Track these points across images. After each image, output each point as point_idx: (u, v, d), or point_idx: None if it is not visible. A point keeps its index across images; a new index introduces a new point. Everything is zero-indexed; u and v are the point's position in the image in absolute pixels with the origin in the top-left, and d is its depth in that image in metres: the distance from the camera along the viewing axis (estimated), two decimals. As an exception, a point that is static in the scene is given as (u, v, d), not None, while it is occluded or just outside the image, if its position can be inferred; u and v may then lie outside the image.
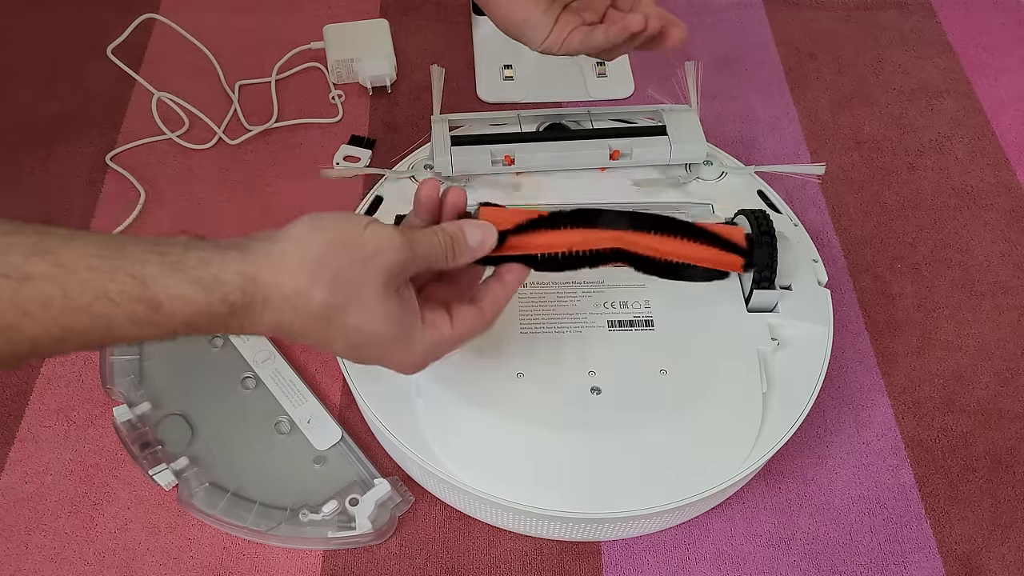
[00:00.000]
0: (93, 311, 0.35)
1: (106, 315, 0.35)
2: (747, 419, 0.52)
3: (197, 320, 0.37)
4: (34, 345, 0.35)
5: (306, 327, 0.39)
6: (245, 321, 0.38)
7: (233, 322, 0.38)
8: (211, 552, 0.53)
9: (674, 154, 0.61)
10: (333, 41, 0.78)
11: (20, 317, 0.34)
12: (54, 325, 0.35)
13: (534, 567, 0.54)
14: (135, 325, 0.36)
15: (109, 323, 0.36)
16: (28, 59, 0.80)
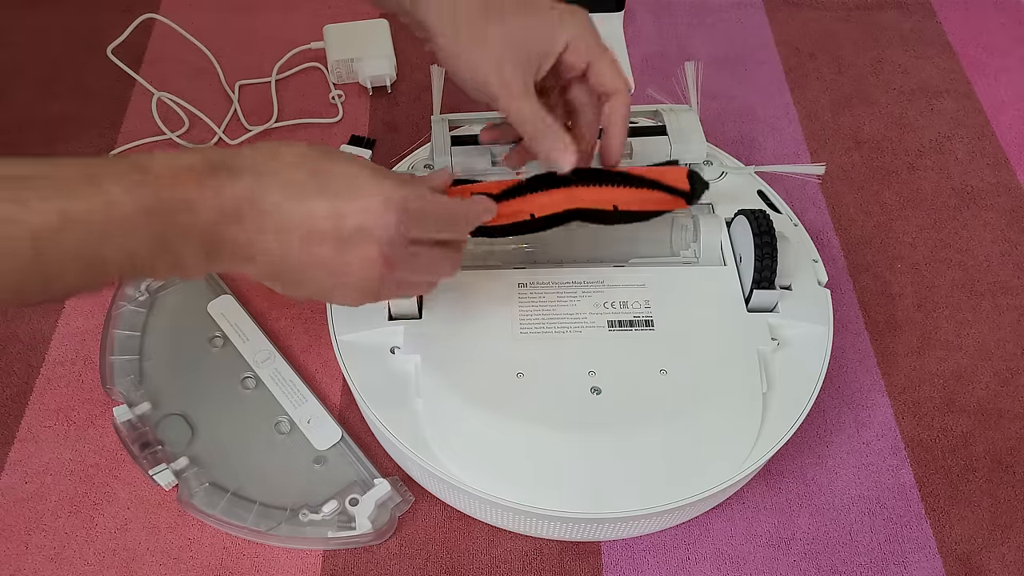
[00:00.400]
0: (87, 190, 0.37)
1: (100, 189, 0.37)
2: (747, 419, 0.52)
3: (183, 178, 0.39)
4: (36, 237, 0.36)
5: (281, 168, 0.41)
6: (224, 175, 0.40)
7: (213, 179, 0.39)
8: (211, 552, 0.53)
9: (674, 153, 0.61)
10: (333, 41, 0.78)
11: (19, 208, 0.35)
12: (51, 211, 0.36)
13: (534, 567, 0.54)
14: (128, 193, 0.37)
15: (104, 197, 0.37)
16: (28, 59, 0.80)
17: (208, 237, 0.40)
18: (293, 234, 0.41)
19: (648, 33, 0.85)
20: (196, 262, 0.41)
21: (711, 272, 0.57)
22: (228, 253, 0.41)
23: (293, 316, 0.64)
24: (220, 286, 0.63)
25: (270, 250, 0.41)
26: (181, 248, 0.40)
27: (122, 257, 0.38)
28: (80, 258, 0.37)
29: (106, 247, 0.37)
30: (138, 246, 0.38)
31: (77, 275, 0.38)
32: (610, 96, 0.52)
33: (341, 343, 0.54)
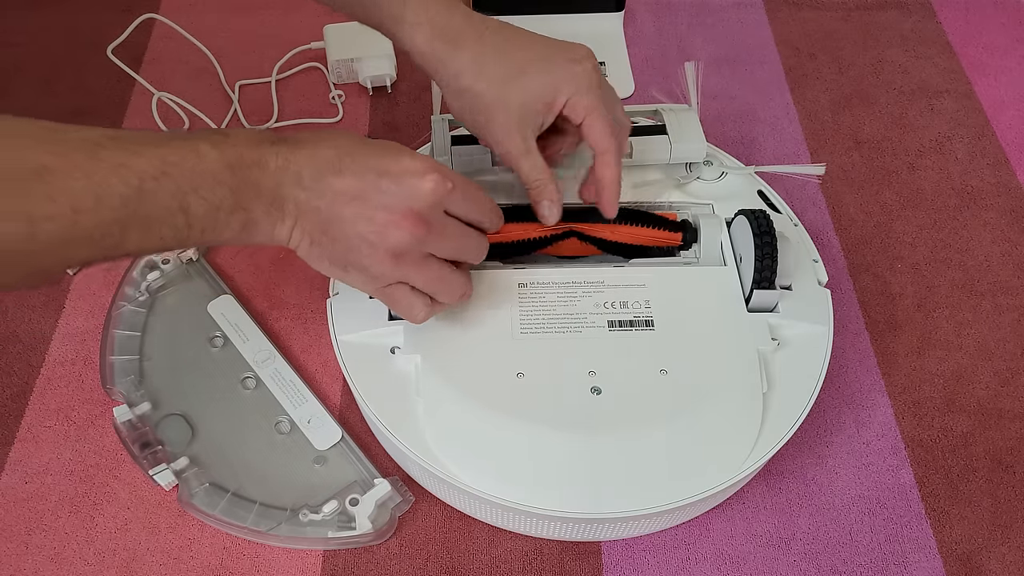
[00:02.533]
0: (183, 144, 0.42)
1: (193, 144, 0.42)
2: (747, 419, 0.52)
3: (257, 141, 0.44)
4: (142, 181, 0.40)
5: (338, 140, 0.46)
6: (290, 145, 0.45)
7: (282, 146, 0.44)
8: (211, 552, 0.53)
9: (674, 153, 0.61)
10: (333, 41, 0.78)
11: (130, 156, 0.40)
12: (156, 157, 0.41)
13: (534, 567, 0.54)
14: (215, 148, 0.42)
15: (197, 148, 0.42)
16: (29, 59, 0.80)
17: (274, 194, 0.44)
18: (342, 188, 0.45)
19: (648, 33, 0.85)
20: (263, 220, 0.45)
21: (711, 272, 0.57)
22: (288, 212, 0.45)
23: (293, 316, 0.64)
24: (220, 286, 0.63)
25: (320, 207, 0.45)
26: (253, 205, 0.44)
27: (207, 209, 0.42)
28: (172, 205, 0.41)
29: (193, 197, 0.41)
30: (220, 199, 0.42)
31: (169, 225, 0.41)
32: (598, 155, 0.54)
33: (341, 343, 0.54)
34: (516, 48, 0.53)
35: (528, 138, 0.53)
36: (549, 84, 0.52)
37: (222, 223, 0.43)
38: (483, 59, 0.52)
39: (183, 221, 0.42)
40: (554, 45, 0.54)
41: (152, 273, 0.63)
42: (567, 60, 0.53)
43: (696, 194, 0.62)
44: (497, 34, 0.53)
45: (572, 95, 0.52)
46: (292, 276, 0.66)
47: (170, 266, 0.64)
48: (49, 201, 0.38)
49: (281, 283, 0.65)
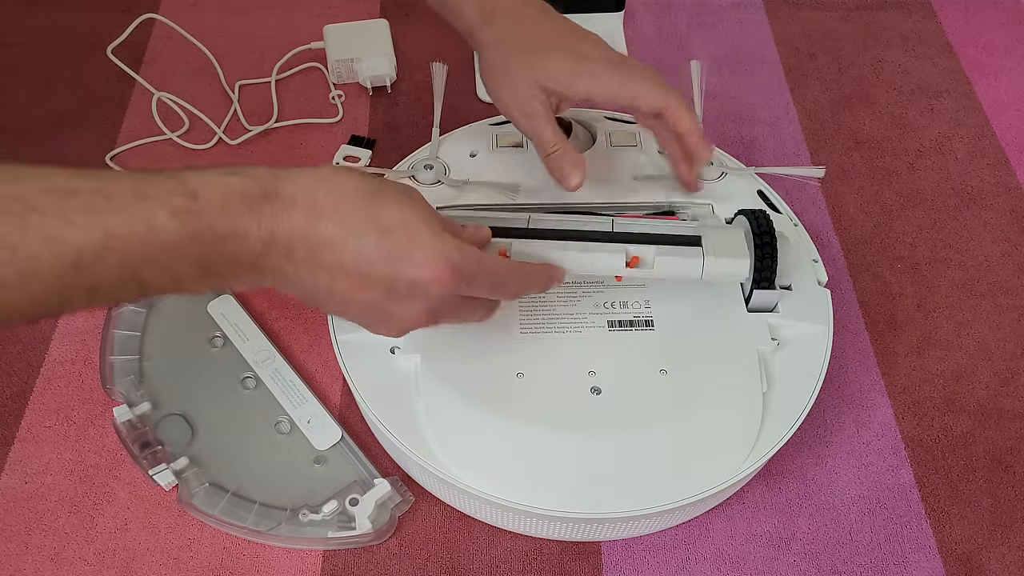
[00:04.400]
0: (134, 211, 0.36)
1: (147, 212, 0.36)
2: (747, 419, 0.52)
3: (233, 206, 0.38)
4: (79, 256, 0.35)
5: (339, 204, 0.40)
6: (278, 205, 0.39)
7: (267, 208, 0.39)
8: (211, 552, 0.53)
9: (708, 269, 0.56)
10: (333, 41, 0.78)
11: (65, 226, 0.35)
12: (96, 229, 0.35)
13: (534, 567, 0.54)
14: (175, 218, 0.37)
15: (150, 221, 0.36)
16: (28, 59, 0.80)
17: (255, 265, 0.40)
18: (345, 276, 0.41)
19: (648, 33, 0.85)
20: (240, 284, 0.41)
21: (711, 272, 0.57)
22: (271, 279, 0.42)
23: (293, 316, 0.64)
24: (220, 286, 0.64)
25: (318, 287, 0.42)
26: (226, 273, 0.40)
27: (164, 279, 0.38)
28: (121, 277, 0.37)
29: (147, 269, 0.37)
30: (182, 270, 0.38)
31: (119, 291, 0.38)
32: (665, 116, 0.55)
33: (341, 343, 0.54)
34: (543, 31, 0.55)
35: (546, 107, 0.54)
36: (568, 69, 0.54)
37: (188, 287, 0.39)
38: (513, 34, 0.54)
39: (136, 287, 0.38)
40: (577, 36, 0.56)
41: (152, 273, 0.63)
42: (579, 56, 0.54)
43: (696, 194, 0.62)
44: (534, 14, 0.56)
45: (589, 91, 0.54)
46: (292, 276, 0.66)
47: (170, 266, 0.64)
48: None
49: (281, 283, 0.65)
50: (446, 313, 0.45)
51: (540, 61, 0.54)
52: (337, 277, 0.41)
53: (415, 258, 0.41)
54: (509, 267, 0.48)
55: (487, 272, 0.45)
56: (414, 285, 0.42)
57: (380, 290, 0.42)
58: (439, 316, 0.45)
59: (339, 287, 0.42)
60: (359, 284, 0.42)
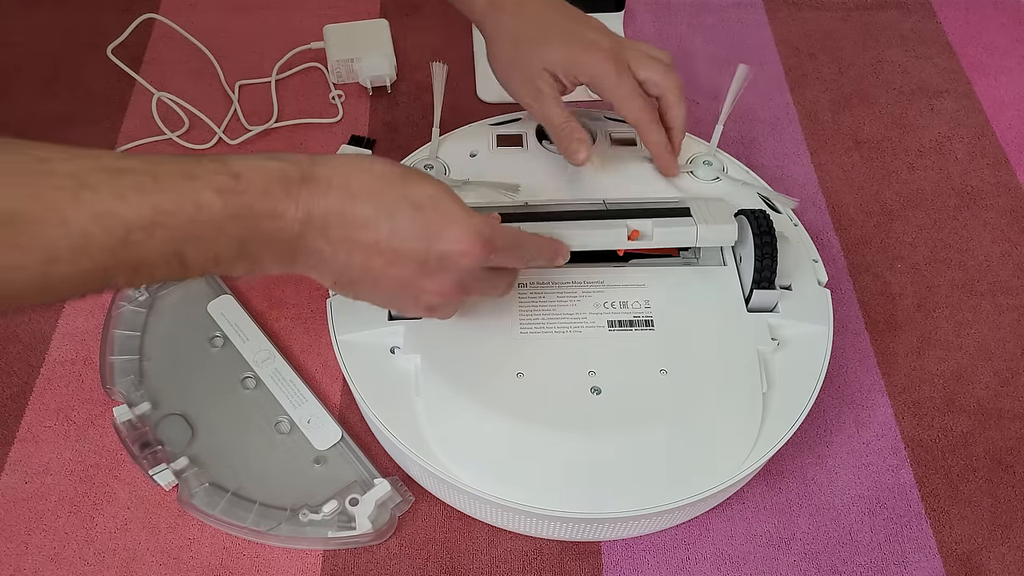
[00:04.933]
0: (182, 189, 0.38)
1: (194, 190, 0.38)
2: (747, 419, 0.52)
3: (272, 188, 0.40)
4: (128, 232, 0.36)
5: (373, 186, 0.42)
6: (315, 187, 0.41)
7: (304, 190, 0.41)
8: (211, 552, 0.53)
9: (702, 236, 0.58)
10: (333, 41, 0.78)
11: (117, 202, 0.36)
12: (146, 205, 0.37)
13: (534, 567, 0.54)
14: (220, 196, 0.38)
15: (197, 198, 0.38)
16: (28, 59, 0.80)
17: (290, 245, 0.41)
18: (380, 254, 0.43)
19: (648, 33, 0.85)
20: (273, 266, 0.42)
21: (711, 272, 0.57)
22: (305, 261, 0.43)
23: (293, 316, 0.64)
24: (220, 286, 0.63)
25: (352, 265, 0.43)
26: (262, 253, 0.41)
27: (205, 257, 0.39)
28: (165, 254, 0.38)
29: (190, 246, 0.38)
30: (222, 248, 0.39)
31: (161, 269, 0.39)
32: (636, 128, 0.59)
33: (341, 343, 0.54)
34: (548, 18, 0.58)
35: (553, 89, 0.58)
36: (568, 59, 0.57)
37: (224, 267, 0.41)
38: (518, 24, 0.58)
39: (178, 265, 0.39)
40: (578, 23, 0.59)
41: (152, 273, 0.63)
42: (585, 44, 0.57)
43: (696, 194, 0.62)
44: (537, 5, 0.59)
45: (591, 81, 0.57)
46: (292, 276, 0.65)
47: (170, 266, 0.63)
48: (17, 250, 0.35)
49: (281, 283, 0.65)
50: (473, 286, 0.47)
51: (545, 50, 0.57)
52: (372, 255, 0.43)
53: (448, 233, 0.43)
54: (528, 237, 0.51)
55: (511, 243, 0.47)
56: (445, 259, 0.44)
57: (413, 265, 0.43)
58: (467, 289, 0.46)
59: (373, 264, 0.43)
60: (393, 260, 0.43)
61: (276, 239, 0.41)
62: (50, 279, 0.36)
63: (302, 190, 0.41)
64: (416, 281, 0.44)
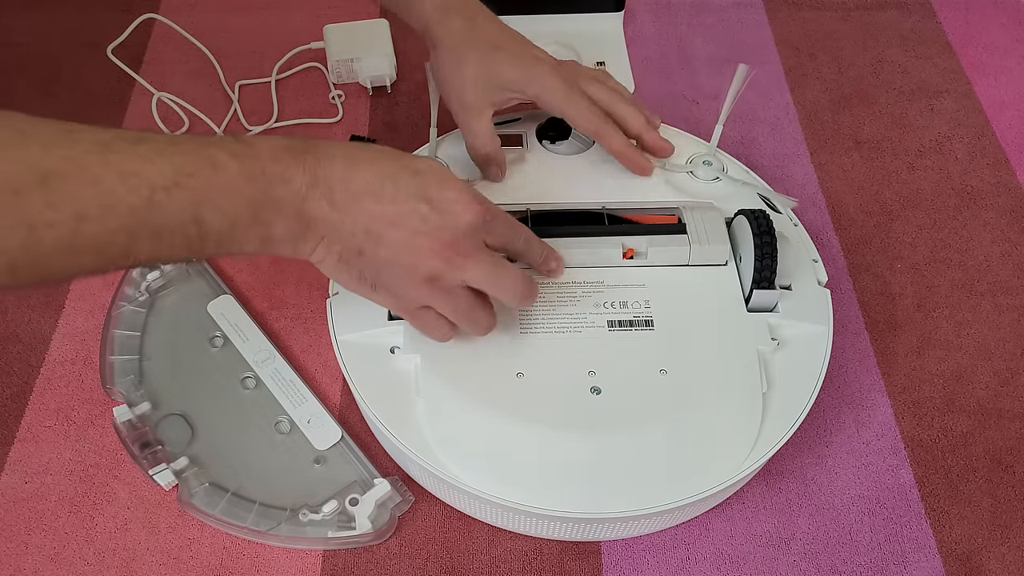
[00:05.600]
0: (200, 153, 0.40)
1: (211, 154, 0.41)
2: (747, 419, 0.52)
3: (281, 155, 0.42)
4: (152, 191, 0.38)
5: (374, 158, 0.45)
6: (320, 156, 0.43)
7: (309, 158, 0.43)
8: (211, 552, 0.53)
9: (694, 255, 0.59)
10: (333, 41, 0.78)
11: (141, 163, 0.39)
12: (168, 166, 0.39)
13: (534, 567, 0.54)
14: (235, 159, 0.41)
15: (214, 160, 0.40)
16: (28, 59, 0.80)
17: (299, 212, 0.43)
18: (382, 214, 0.44)
19: (648, 33, 0.85)
20: (285, 237, 0.43)
21: (711, 272, 0.57)
22: (314, 229, 0.44)
23: (293, 316, 0.64)
24: (220, 286, 0.63)
25: (356, 230, 0.44)
26: (274, 220, 0.42)
27: (221, 222, 0.41)
28: (185, 217, 0.40)
29: (208, 209, 0.40)
30: (237, 212, 0.41)
31: (180, 236, 0.40)
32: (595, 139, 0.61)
33: (341, 343, 0.54)
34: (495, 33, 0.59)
35: (488, 105, 0.59)
36: (516, 73, 0.58)
37: (240, 237, 0.42)
38: (468, 32, 0.58)
39: (196, 232, 0.40)
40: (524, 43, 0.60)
41: (152, 273, 0.63)
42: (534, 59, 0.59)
43: (695, 194, 0.62)
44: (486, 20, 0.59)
45: (540, 95, 0.58)
46: (292, 276, 0.66)
47: (170, 266, 0.63)
48: (50, 208, 0.36)
49: (281, 283, 0.65)
50: (474, 257, 0.47)
51: (494, 59, 0.58)
52: (375, 216, 0.44)
53: (447, 193, 0.45)
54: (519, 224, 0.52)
55: (506, 219, 0.49)
56: (446, 214, 0.45)
57: (415, 221, 0.45)
58: (467, 255, 0.46)
59: (376, 227, 0.44)
60: (395, 220, 0.44)
61: (286, 204, 0.42)
62: (79, 238, 0.37)
63: (307, 157, 0.43)
64: (417, 240, 0.45)
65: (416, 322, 0.50)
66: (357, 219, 0.44)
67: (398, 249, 0.45)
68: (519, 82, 0.58)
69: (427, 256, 0.45)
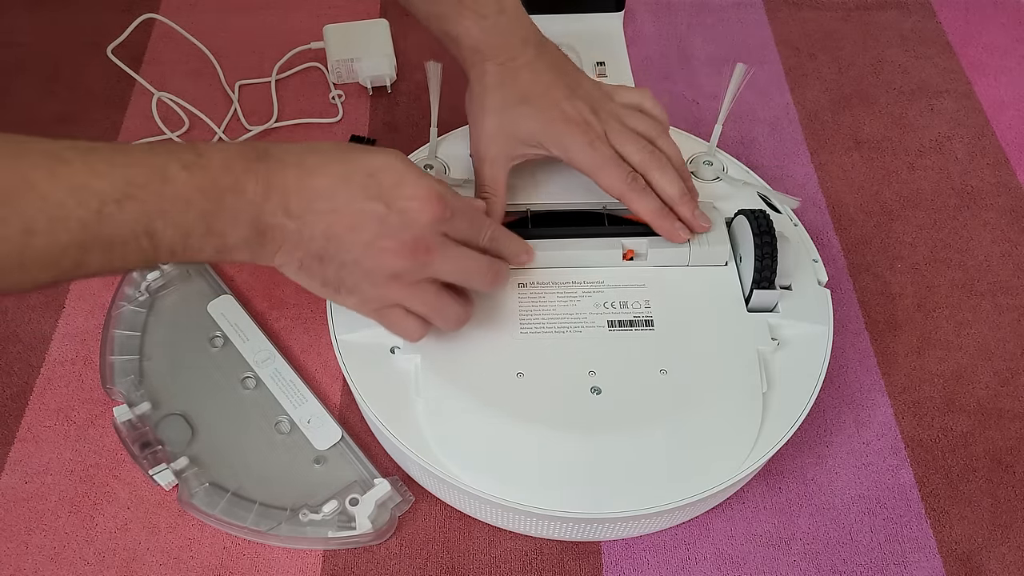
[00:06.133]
0: (151, 163, 0.40)
1: (161, 165, 0.40)
2: (747, 419, 0.52)
3: (233, 164, 0.42)
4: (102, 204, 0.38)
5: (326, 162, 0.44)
6: (272, 164, 0.43)
7: (262, 166, 0.43)
8: (211, 552, 0.53)
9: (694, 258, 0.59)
10: (333, 41, 0.78)
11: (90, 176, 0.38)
12: (119, 178, 0.39)
13: (534, 567, 0.54)
14: (185, 170, 0.41)
15: (164, 171, 0.40)
16: (28, 59, 0.80)
17: (254, 222, 0.43)
18: (339, 218, 0.44)
19: (648, 33, 0.85)
20: (242, 247, 0.43)
21: (711, 272, 0.57)
22: (272, 239, 0.44)
23: (293, 316, 0.64)
24: (220, 286, 0.63)
25: (315, 235, 0.44)
26: (228, 231, 0.42)
27: (174, 234, 0.41)
28: (137, 229, 0.39)
29: (160, 221, 0.40)
30: (189, 224, 0.41)
31: (133, 248, 0.40)
32: (624, 203, 0.56)
33: (341, 343, 0.54)
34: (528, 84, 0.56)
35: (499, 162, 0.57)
36: (539, 130, 0.55)
37: (194, 247, 0.42)
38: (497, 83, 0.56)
39: (149, 244, 0.40)
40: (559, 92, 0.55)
41: (152, 273, 0.63)
42: (560, 116, 0.55)
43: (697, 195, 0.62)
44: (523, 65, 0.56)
45: (563, 154, 0.55)
46: (292, 276, 0.66)
47: (170, 266, 0.64)
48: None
49: (281, 283, 0.65)
50: (436, 252, 0.46)
51: (518, 113, 0.56)
52: (333, 221, 0.44)
53: (403, 190, 0.45)
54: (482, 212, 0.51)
55: (467, 207, 0.48)
56: (404, 213, 0.45)
57: (373, 224, 0.44)
58: (431, 249, 0.46)
59: (335, 231, 0.44)
60: (353, 224, 0.44)
61: (240, 214, 0.42)
62: (28, 252, 0.37)
63: (259, 166, 0.43)
64: (378, 242, 0.45)
65: (385, 321, 0.49)
66: (315, 226, 0.44)
67: (359, 253, 0.45)
68: (542, 140, 0.56)
69: (389, 257, 0.45)
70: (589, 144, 0.54)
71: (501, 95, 0.56)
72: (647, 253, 0.57)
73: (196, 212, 0.41)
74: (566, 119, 0.55)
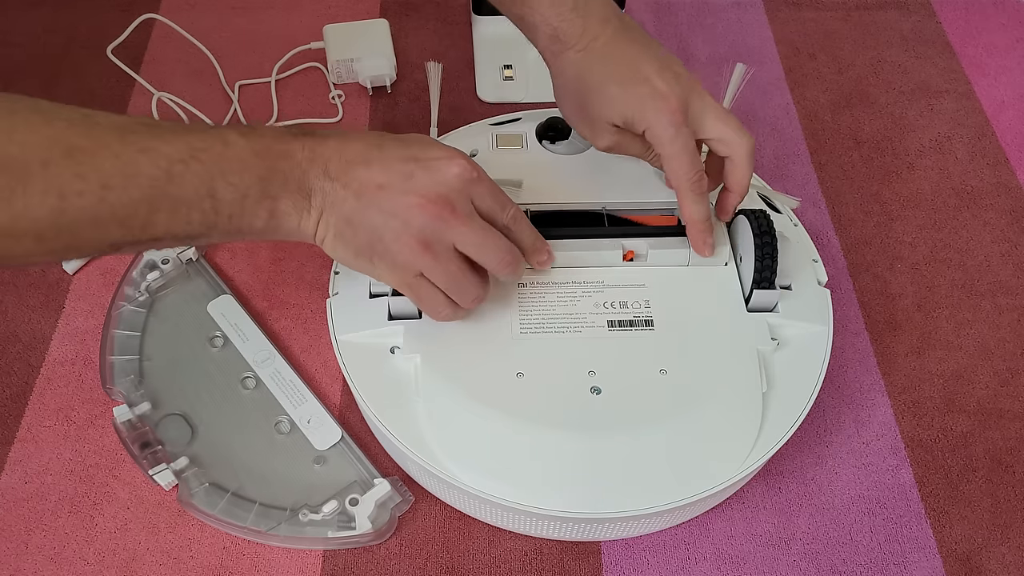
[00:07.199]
0: (211, 132, 0.44)
1: (221, 133, 0.44)
2: (747, 419, 0.52)
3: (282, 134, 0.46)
4: (170, 164, 0.42)
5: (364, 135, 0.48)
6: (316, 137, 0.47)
7: (308, 139, 0.46)
8: (211, 552, 0.53)
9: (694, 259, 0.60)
10: (333, 41, 0.78)
11: (157, 141, 0.42)
12: (183, 143, 0.42)
13: (534, 567, 0.54)
14: (243, 136, 0.44)
15: (225, 138, 0.44)
16: (28, 59, 0.80)
17: (301, 184, 0.46)
18: (371, 178, 0.46)
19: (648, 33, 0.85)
20: (290, 209, 0.46)
21: (711, 272, 0.57)
22: (315, 205, 0.46)
23: (293, 316, 0.64)
24: (220, 286, 0.63)
25: (348, 195, 0.46)
26: (280, 193, 0.45)
27: (233, 195, 0.44)
28: (201, 190, 0.43)
29: (221, 183, 0.43)
30: (247, 186, 0.44)
31: (196, 210, 0.43)
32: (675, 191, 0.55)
33: (341, 343, 0.54)
34: (612, 62, 0.54)
35: (622, 136, 0.55)
36: (627, 109, 0.53)
37: (249, 211, 0.45)
38: (580, 66, 0.54)
39: (210, 206, 0.43)
40: (648, 67, 0.53)
41: (152, 273, 0.63)
42: (651, 92, 0.52)
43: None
44: (605, 44, 0.54)
45: (648, 128, 0.53)
46: (292, 276, 0.66)
47: (170, 266, 0.64)
48: (79, 178, 0.39)
49: (281, 283, 0.65)
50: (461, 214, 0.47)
51: (604, 100, 0.54)
52: (365, 179, 0.46)
53: (433, 151, 0.48)
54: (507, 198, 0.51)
55: (492, 184, 0.50)
56: (432, 169, 0.47)
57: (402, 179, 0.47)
58: (457, 212, 0.47)
59: (366, 189, 0.46)
60: (383, 182, 0.46)
61: (290, 176, 0.45)
62: (103, 207, 0.40)
63: (306, 138, 0.46)
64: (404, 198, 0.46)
65: (414, 295, 0.50)
66: (348, 184, 0.46)
67: (387, 210, 0.46)
68: (631, 119, 0.53)
69: (416, 212, 0.46)
70: (675, 129, 0.52)
71: (588, 77, 0.54)
72: (647, 254, 0.57)
73: (253, 175, 0.44)
74: (655, 94, 0.52)
